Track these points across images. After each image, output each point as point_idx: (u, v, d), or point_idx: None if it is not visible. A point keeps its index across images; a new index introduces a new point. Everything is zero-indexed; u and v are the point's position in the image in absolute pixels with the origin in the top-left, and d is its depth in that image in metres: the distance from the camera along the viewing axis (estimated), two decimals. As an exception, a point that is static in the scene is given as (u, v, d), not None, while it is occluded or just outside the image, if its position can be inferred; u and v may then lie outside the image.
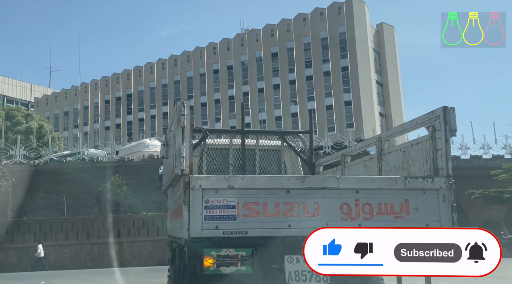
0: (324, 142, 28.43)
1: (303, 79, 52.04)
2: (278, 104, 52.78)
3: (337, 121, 47.91)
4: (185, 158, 4.15)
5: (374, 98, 50.66)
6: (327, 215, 4.24)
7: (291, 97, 52.28)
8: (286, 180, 4.29)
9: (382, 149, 5.64)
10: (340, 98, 50.11)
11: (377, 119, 49.80)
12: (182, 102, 4.33)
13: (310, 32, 51.95)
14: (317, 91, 51.07)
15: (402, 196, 4.35)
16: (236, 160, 6.62)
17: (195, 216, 4.10)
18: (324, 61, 51.59)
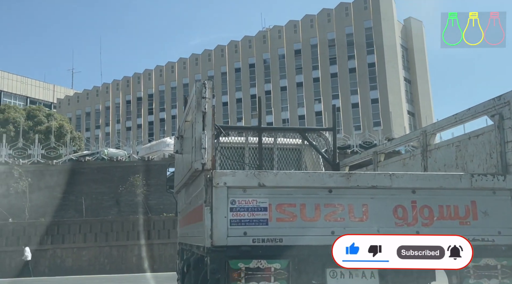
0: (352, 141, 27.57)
1: (328, 76, 51.18)
2: (301, 103, 52.04)
3: (363, 120, 46.93)
4: (207, 149, 3.49)
5: (402, 95, 49.49)
6: (378, 220, 3.53)
7: (315, 95, 51.50)
8: (328, 177, 3.58)
9: (427, 144, 4.90)
10: (366, 96, 49.11)
11: (406, 118, 48.60)
12: (202, 82, 3.67)
13: (335, 28, 51.05)
14: (342, 89, 50.14)
15: (468, 197, 3.61)
16: (252, 160, 5.98)
17: (219, 220, 3.42)
18: (350, 58, 50.63)
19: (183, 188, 5.15)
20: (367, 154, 6.41)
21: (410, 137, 5.44)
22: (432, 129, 4.94)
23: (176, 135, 4.84)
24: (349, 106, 49.78)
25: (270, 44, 53.85)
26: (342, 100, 50.01)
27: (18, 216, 21.00)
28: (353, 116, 49.13)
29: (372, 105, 49.03)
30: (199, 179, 3.75)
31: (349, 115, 48.78)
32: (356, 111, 49.51)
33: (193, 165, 3.63)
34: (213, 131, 3.58)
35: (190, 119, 4.29)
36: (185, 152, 4.51)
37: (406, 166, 5.25)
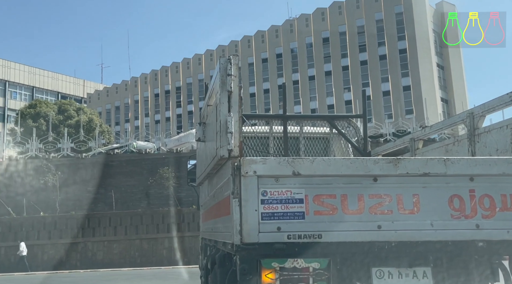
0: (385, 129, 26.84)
1: (357, 64, 50.22)
2: (330, 92, 51.27)
3: (395, 108, 45.86)
4: (234, 134, 3.09)
5: (435, 82, 48.13)
6: (431, 212, 3.07)
7: (344, 84, 50.64)
8: (372, 163, 3.13)
9: (475, 127, 4.38)
10: (398, 83, 48.00)
11: (439, 105, 47.28)
12: (228, 58, 3.26)
13: (364, 14, 49.94)
14: (373, 77, 49.12)
15: None
16: (277, 150, 5.58)
17: (248, 214, 3.03)
18: (380, 44, 49.48)
19: (206, 179, 4.76)
20: (403, 141, 5.88)
21: (455, 120, 4.91)
22: (481, 110, 4.40)
23: (198, 122, 4.45)
24: (380, 94, 48.82)
25: (297, 33, 53.15)
26: (373, 88, 49.03)
27: (49, 209, 21.28)
28: (384, 105, 48.21)
29: (404, 92, 47.92)
30: (225, 167, 3.36)
31: (380, 103, 47.85)
32: (387, 99, 48.53)
33: (218, 152, 3.24)
34: (240, 113, 3.17)
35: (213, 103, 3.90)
36: (208, 139, 4.11)
37: (449, 152, 4.72)
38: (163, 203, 21.27)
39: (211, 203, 4.56)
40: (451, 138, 4.72)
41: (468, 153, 4.29)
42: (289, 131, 5.52)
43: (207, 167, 4.12)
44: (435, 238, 3.05)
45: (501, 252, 3.12)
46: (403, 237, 3.06)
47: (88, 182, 22.75)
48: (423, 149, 5.33)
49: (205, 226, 5.61)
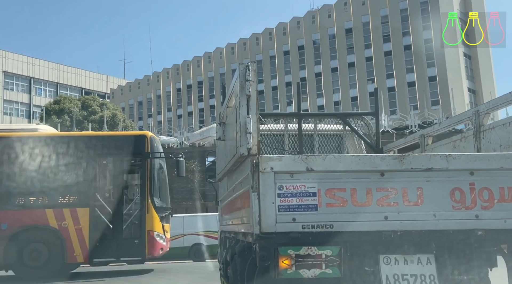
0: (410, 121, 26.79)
1: (381, 55, 49.86)
2: (353, 84, 51.08)
3: (420, 99, 45.46)
4: (252, 133, 3.45)
5: (462, 72, 47.44)
6: (434, 204, 3.39)
7: (368, 75, 50.39)
8: (379, 159, 3.47)
9: (481, 124, 4.68)
10: (423, 74, 47.51)
11: (466, 95, 46.63)
12: (246, 64, 3.63)
13: (388, 4, 49.49)
14: (397, 68, 48.72)
15: None
16: (292, 147, 5.92)
17: (266, 206, 3.39)
18: (404, 34, 49.02)
19: (225, 175, 5.15)
20: (413, 137, 6.19)
21: (461, 118, 5.21)
22: (486, 108, 4.71)
23: (218, 122, 4.84)
24: (405, 85, 48.44)
25: (319, 25, 53.01)
26: (397, 79, 48.68)
27: None
28: (409, 96, 47.81)
29: (429, 83, 47.42)
30: (244, 164, 3.73)
31: (405, 94, 47.49)
32: (412, 90, 48.10)
33: (238, 150, 3.60)
34: (257, 115, 3.55)
35: (232, 105, 4.28)
36: (228, 138, 4.50)
37: (456, 148, 5.02)
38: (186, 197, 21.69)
39: (231, 197, 4.93)
40: (458, 135, 5.01)
41: (474, 148, 4.57)
42: (304, 129, 5.86)
43: (227, 164, 4.48)
44: (437, 228, 3.37)
45: (499, 240, 3.43)
46: (408, 226, 3.38)
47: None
48: (432, 144, 5.62)
49: (224, 220, 5.97)
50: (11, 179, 11.05)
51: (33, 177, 10.91)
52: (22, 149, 10.98)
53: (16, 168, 10.97)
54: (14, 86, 58.79)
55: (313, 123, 6.14)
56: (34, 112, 56.44)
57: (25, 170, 10.89)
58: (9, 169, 11.04)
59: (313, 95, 52.09)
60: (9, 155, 10.99)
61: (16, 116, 58.06)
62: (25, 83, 59.62)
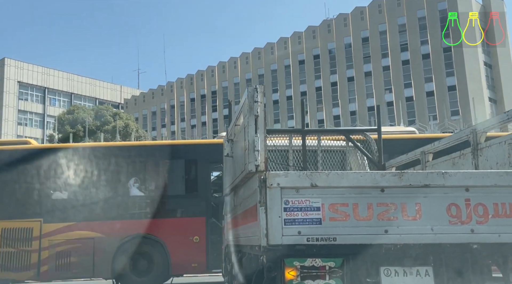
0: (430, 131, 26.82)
1: (399, 64, 49.89)
2: (370, 94, 51.12)
3: (439, 109, 45.31)
4: (260, 151, 3.78)
5: (482, 81, 47.20)
6: (431, 218, 3.68)
7: (385, 85, 50.41)
8: (380, 176, 3.78)
9: (478, 142, 4.99)
10: (442, 83, 47.38)
11: (487, 105, 46.32)
12: (254, 87, 3.97)
13: (405, 12, 49.58)
14: (415, 77, 48.68)
15: None
16: (296, 162, 6.24)
17: (273, 220, 3.71)
18: (423, 43, 49.01)
19: (232, 191, 5.47)
20: (414, 154, 6.49)
21: (460, 136, 5.50)
22: (482, 127, 5.05)
23: (226, 139, 5.16)
24: (423, 95, 48.32)
25: (335, 33, 53.30)
26: (415, 89, 48.61)
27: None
28: (428, 106, 47.63)
29: (449, 93, 47.22)
30: (252, 180, 4.05)
31: (423, 104, 47.34)
32: (431, 100, 47.93)
33: (247, 167, 3.92)
34: (265, 134, 3.88)
35: (241, 123, 4.61)
36: (236, 155, 4.83)
37: (455, 165, 5.33)
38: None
39: (237, 211, 5.26)
40: (457, 152, 5.30)
41: (472, 165, 4.87)
42: (308, 145, 6.17)
43: (235, 179, 4.82)
44: (435, 241, 3.65)
45: (493, 254, 3.70)
46: (407, 240, 3.67)
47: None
48: (433, 161, 5.92)
49: (230, 233, 6.25)
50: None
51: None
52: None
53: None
54: (29, 96, 60.11)
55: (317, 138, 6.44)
56: (48, 122, 57.52)
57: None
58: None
59: (329, 105, 52.28)
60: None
61: (30, 127, 59.29)
62: (39, 94, 60.92)
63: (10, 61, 58.31)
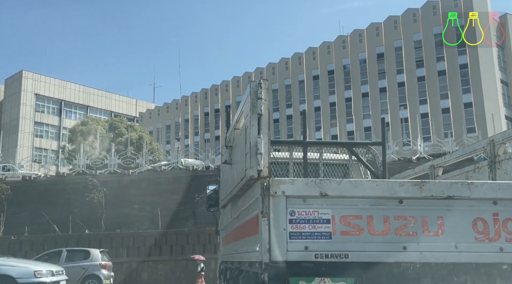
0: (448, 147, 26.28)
1: (414, 80, 49.46)
2: (385, 110, 50.59)
3: (455, 126, 44.59)
4: (263, 155, 3.34)
5: (499, 99, 46.51)
6: (455, 234, 3.24)
7: (400, 101, 49.91)
8: (398, 185, 3.34)
9: (496, 154, 4.56)
10: (458, 100, 46.76)
11: (504, 123, 45.49)
12: (258, 82, 3.56)
13: (421, 28, 49.28)
14: (431, 93, 48.16)
15: None
16: (296, 175, 5.82)
17: (277, 233, 3.27)
18: (438, 59, 48.57)
19: (230, 202, 5.03)
20: (423, 168, 6.03)
21: (476, 147, 5.04)
22: (502, 138, 4.61)
23: (224, 145, 4.74)
24: (439, 111, 47.75)
25: (350, 49, 53.11)
26: (431, 106, 48.05)
27: (94, 227, 21.66)
28: (444, 123, 46.95)
29: (465, 110, 46.55)
30: (253, 188, 3.61)
31: (439, 121, 46.68)
32: (446, 117, 47.27)
33: (247, 173, 3.49)
34: (269, 135, 3.46)
35: (241, 126, 4.20)
36: (235, 161, 4.40)
37: (470, 179, 4.84)
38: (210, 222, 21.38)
39: (235, 225, 4.80)
40: (471, 166, 4.86)
41: (489, 179, 4.42)
42: (309, 158, 5.76)
43: (234, 189, 4.36)
44: (459, 260, 3.20)
45: None
46: (428, 258, 3.23)
47: (134, 199, 23.23)
48: (443, 175, 5.48)
49: (226, 249, 5.80)
50: None
51: None
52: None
53: None
54: (45, 108, 60.69)
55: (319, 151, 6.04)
56: (64, 134, 57.91)
57: None
58: None
59: (343, 121, 51.81)
60: None
61: (46, 138, 59.71)
62: (56, 106, 61.47)
63: (27, 74, 59.06)
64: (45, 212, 22.42)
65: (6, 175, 28.86)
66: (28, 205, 23.66)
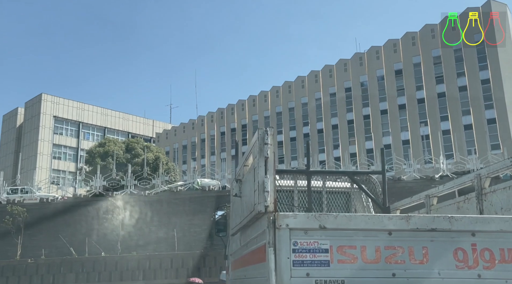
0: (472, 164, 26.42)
1: (434, 96, 49.52)
2: (405, 127, 50.67)
3: (479, 143, 44.46)
4: (270, 192, 3.93)
5: (524, 114, 46.28)
6: (438, 263, 3.75)
7: (420, 118, 49.95)
8: (387, 219, 3.88)
9: (482, 187, 5.07)
10: (481, 116, 46.63)
11: (529, 139, 45.22)
12: (265, 129, 4.17)
13: (440, 44, 49.42)
14: (452, 110, 48.12)
15: None
16: (301, 203, 6.34)
17: (282, 261, 3.82)
18: (459, 75, 48.63)
19: (239, 231, 5.62)
20: (419, 197, 6.56)
21: (464, 181, 5.57)
22: (487, 173, 5.13)
23: (234, 179, 5.35)
24: (461, 128, 47.57)
25: (367, 66, 53.51)
26: (452, 122, 47.98)
27: (110, 249, 22.02)
28: (467, 139, 46.77)
29: (488, 126, 46.37)
30: (261, 220, 4.18)
31: (462, 138, 46.47)
32: (469, 133, 47.09)
33: (256, 207, 4.06)
34: (274, 175, 4.05)
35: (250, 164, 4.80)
36: (244, 195, 4.99)
37: (460, 209, 5.39)
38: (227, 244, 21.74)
39: (244, 252, 5.34)
40: (462, 197, 5.38)
41: (477, 210, 4.95)
42: (313, 186, 6.32)
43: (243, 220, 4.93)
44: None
45: None
46: (414, 283, 3.75)
47: (151, 220, 23.62)
48: (437, 205, 6.02)
49: (235, 274, 6.28)
50: None
51: None
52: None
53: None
54: (64, 130, 62.29)
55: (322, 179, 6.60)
56: (82, 156, 59.20)
57: None
58: None
59: (362, 138, 52.01)
60: None
61: (64, 160, 61.14)
62: (74, 128, 63.06)
63: (47, 97, 60.82)
64: (62, 234, 22.83)
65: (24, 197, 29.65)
66: (45, 228, 24.11)
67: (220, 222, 7.56)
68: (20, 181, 36.95)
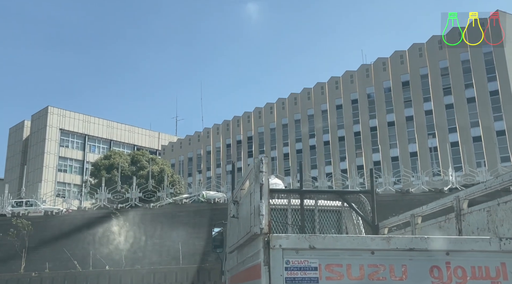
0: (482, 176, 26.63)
1: (442, 108, 49.81)
2: (412, 139, 50.96)
3: (488, 154, 44.60)
4: (264, 215, 4.44)
5: (534, 125, 46.45)
6: (416, 279, 4.23)
7: (428, 129, 50.21)
8: (370, 240, 4.38)
9: (461, 208, 5.60)
10: (490, 128, 46.81)
11: (540, 150, 45.37)
12: (260, 158, 4.70)
13: (447, 55, 49.87)
14: (460, 121, 48.34)
15: (497, 259, 4.21)
16: (294, 221, 6.87)
17: (275, 278, 4.30)
18: (467, 86, 48.95)
19: (236, 249, 6.15)
20: (404, 216, 7.11)
21: (445, 202, 6.11)
22: (464, 195, 5.67)
23: (232, 201, 5.89)
24: (470, 140, 47.76)
25: (373, 78, 53.96)
26: (460, 134, 48.16)
27: (115, 263, 22.20)
28: (476, 151, 46.90)
29: (497, 138, 46.52)
30: (256, 241, 4.70)
31: (471, 150, 46.64)
32: (478, 145, 47.25)
33: (252, 229, 4.59)
34: (268, 200, 4.58)
35: (246, 188, 5.34)
36: (241, 216, 5.52)
37: (442, 228, 5.90)
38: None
39: (240, 268, 5.84)
40: (443, 217, 5.92)
41: (456, 229, 5.48)
42: (306, 204, 6.88)
43: (240, 239, 5.45)
44: None
45: None
46: None
47: (155, 234, 23.84)
48: (421, 224, 6.58)
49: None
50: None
51: None
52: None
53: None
54: (70, 143, 63.19)
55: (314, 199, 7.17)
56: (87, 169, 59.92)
57: None
58: None
59: (369, 150, 52.31)
60: None
61: (70, 173, 61.94)
62: (80, 140, 63.95)
63: (53, 110, 61.79)
64: (66, 248, 23.09)
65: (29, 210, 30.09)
66: (49, 241, 24.36)
67: (217, 238, 8.11)
68: (25, 194, 37.53)
